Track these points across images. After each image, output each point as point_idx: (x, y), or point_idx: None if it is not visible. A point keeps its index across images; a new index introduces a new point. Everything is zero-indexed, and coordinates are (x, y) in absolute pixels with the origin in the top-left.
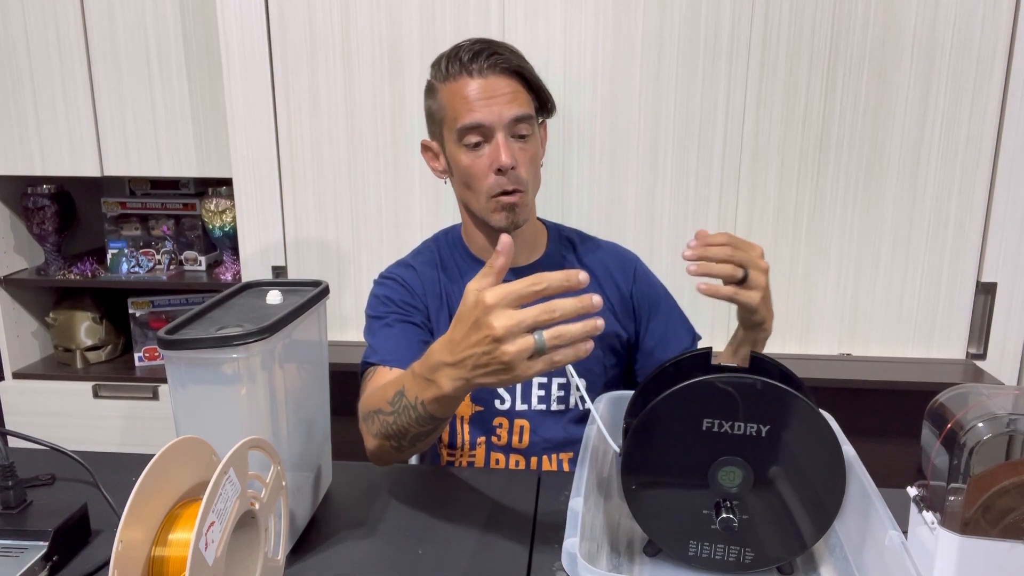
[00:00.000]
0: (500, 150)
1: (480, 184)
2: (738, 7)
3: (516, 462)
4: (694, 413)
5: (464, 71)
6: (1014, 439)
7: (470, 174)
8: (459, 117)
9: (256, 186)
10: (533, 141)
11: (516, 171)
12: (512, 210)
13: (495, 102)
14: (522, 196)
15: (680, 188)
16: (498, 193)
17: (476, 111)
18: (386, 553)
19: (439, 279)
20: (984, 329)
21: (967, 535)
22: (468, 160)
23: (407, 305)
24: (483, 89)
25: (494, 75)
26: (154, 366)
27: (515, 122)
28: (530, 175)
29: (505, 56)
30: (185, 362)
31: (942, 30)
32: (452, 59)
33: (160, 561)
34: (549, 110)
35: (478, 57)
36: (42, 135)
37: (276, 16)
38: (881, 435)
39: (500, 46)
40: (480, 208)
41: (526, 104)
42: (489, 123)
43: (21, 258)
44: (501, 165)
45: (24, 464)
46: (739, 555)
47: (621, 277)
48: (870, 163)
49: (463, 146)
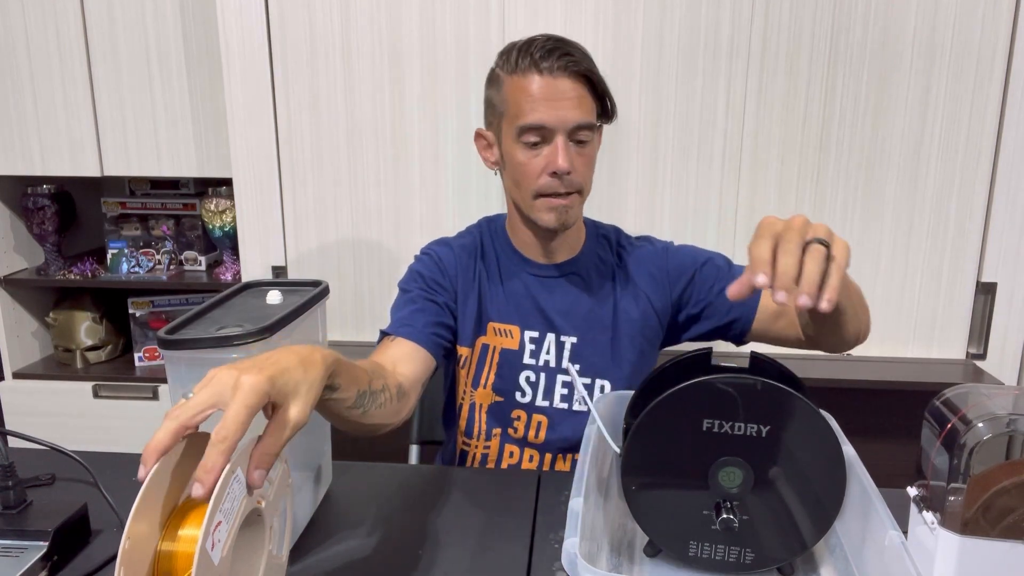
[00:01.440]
0: (558, 154)
1: (531, 183)
2: (738, 7)
3: (531, 456)
4: (694, 413)
5: (534, 67)
6: (1014, 439)
7: (523, 172)
8: (521, 114)
9: (256, 186)
10: (591, 147)
11: (571, 176)
12: (563, 212)
13: (561, 105)
14: (575, 199)
15: (680, 188)
16: (550, 194)
17: (540, 111)
18: (386, 553)
19: (475, 264)
20: (984, 329)
21: (967, 535)
22: (524, 158)
23: (435, 284)
24: (550, 89)
25: (564, 76)
26: (154, 366)
27: (577, 128)
28: (587, 180)
29: (576, 59)
30: (185, 362)
31: (942, 31)
32: (523, 53)
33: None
34: (610, 116)
35: (550, 55)
36: (42, 135)
37: (276, 16)
38: (881, 435)
39: (573, 47)
40: (526, 206)
41: (590, 111)
42: (551, 125)
43: (21, 258)
44: (558, 169)
45: (24, 464)
46: (739, 555)
47: (655, 264)
48: (870, 163)
49: (521, 143)
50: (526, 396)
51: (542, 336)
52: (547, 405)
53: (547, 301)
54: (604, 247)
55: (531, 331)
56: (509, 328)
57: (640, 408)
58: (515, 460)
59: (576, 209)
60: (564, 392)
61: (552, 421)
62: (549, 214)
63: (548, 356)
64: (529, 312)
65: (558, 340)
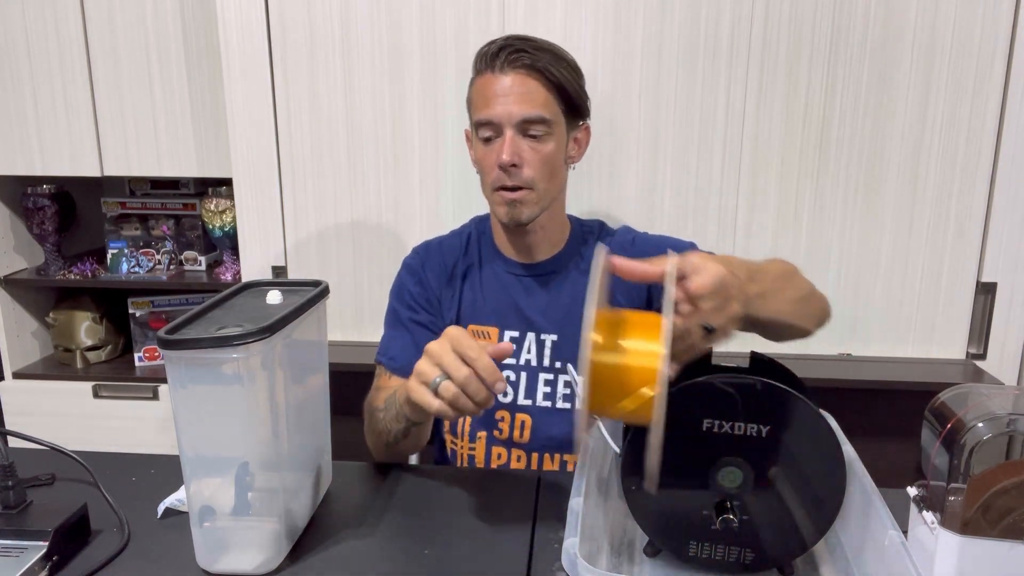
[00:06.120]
0: (503, 147)
1: (488, 177)
2: (738, 7)
3: (519, 457)
4: (694, 413)
5: (488, 67)
6: (1014, 439)
7: (481, 167)
8: (476, 110)
9: (256, 186)
10: (548, 142)
11: (519, 169)
12: (513, 206)
13: (507, 100)
14: (525, 194)
15: (680, 188)
16: (499, 187)
17: (489, 107)
18: (386, 553)
19: (456, 266)
20: (984, 329)
21: (967, 535)
22: (480, 153)
23: (415, 302)
24: (499, 86)
25: (514, 72)
26: (154, 366)
27: (526, 123)
28: (541, 175)
29: (529, 54)
30: (185, 362)
31: (942, 30)
32: (483, 53)
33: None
34: (584, 114)
35: (501, 53)
36: (42, 135)
37: (276, 16)
38: (881, 435)
39: (530, 44)
40: (488, 200)
41: (541, 105)
42: (497, 119)
43: (21, 258)
44: (500, 162)
45: (24, 464)
46: (739, 555)
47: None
48: (870, 163)
49: (479, 139)
50: (508, 396)
51: (522, 335)
52: (530, 404)
53: (526, 300)
54: (587, 243)
55: (511, 331)
56: (487, 329)
57: None
58: (503, 461)
59: (530, 206)
60: (547, 391)
61: (536, 420)
62: (501, 207)
63: (529, 355)
64: (508, 312)
65: (538, 339)
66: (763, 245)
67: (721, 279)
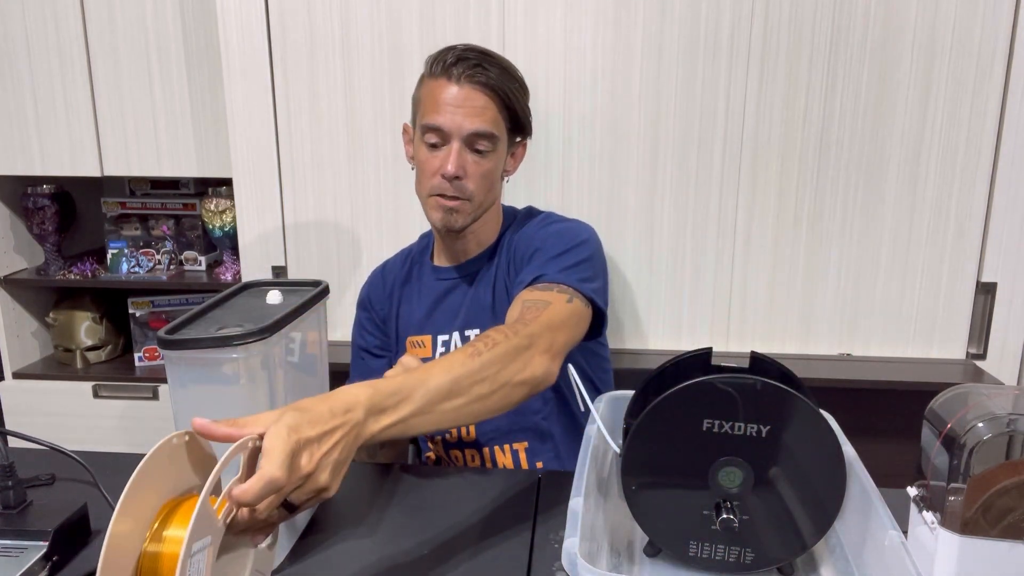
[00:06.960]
0: (450, 158)
1: (427, 181)
2: (738, 7)
3: (472, 456)
4: (694, 413)
5: (444, 73)
6: (1014, 439)
7: (422, 169)
8: (426, 114)
9: (256, 186)
10: (491, 158)
11: (462, 182)
12: (449, 213)
13: (460, 112)
14: (462, 204)
15: (680, 188)
16: (439, 194)
17: (441, 114)
18: (386, 553)
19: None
20: (984, 329)
21: (967, 535)
22: (424, 156)
23: (367, 332)
24: (454, 96)
25: (470, 86)
26: (154, 366)
27: (474, 136)
28: (480, 189)
29: (487, 71)
30: (185, 362)
31: (942, 30)
32: (440, 58)
33: (152, 557)
34: (526, 132)
35: (461, 63)
36: (42, 135)
37: (276, 16)
38: (881, 435)
39: (489, 60)
40: (423, 202)
41: (491, 122)
42: (448, 129)
43: (21, 258)
44: (444, 173)
45: (24, 464)
46: (739, 555)
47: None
48: (870, 163)
49: (424, 142)
50: None
51: (451, 337)
52: None
53: (454, 302)
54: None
55: (443, 335)
56: (422, 339)
57: (640, 408)
58: (460, 464)
59: (464, 216)
60: None
61: None
62: (437, 212)
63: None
64: (438, 318)
65: (463, 336)
66: (763, 245)
67: (270, 482)
